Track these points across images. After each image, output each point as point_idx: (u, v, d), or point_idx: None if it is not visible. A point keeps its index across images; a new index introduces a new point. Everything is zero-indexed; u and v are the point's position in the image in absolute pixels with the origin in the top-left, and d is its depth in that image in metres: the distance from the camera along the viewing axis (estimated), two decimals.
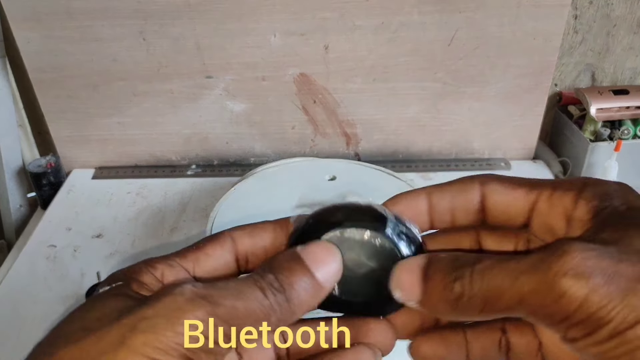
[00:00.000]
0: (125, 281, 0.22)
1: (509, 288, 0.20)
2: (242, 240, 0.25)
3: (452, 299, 0.21)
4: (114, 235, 0.71)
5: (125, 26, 0.73)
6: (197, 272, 0.24)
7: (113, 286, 0.22)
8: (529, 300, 0.20)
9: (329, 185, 0.62)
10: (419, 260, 0.23)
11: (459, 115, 0.81)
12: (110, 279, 0.23)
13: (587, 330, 0.19)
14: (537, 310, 0.20)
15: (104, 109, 0.80)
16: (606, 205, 0.22)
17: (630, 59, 0.83)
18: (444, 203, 0.24)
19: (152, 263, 0.23)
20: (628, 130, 0.76)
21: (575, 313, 0.19)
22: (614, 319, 0.19)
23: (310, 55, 0.75)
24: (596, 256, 0.19)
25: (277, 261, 0.22)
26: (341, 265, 0.23)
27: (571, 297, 0.19)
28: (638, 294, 0.19)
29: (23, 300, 0.61)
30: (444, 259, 0.22)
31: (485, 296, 0.21)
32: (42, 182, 0.79)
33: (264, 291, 0.21)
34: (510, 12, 0.72)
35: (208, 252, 0.24)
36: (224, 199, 0.60)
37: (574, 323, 0.19)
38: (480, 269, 0.21)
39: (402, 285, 0.23)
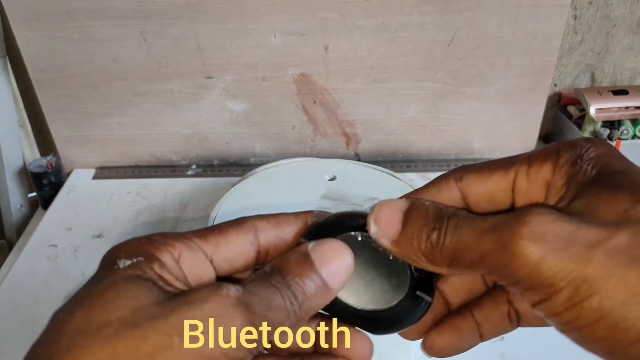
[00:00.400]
0: (146, 257, 0.21)
1: (473, 245, 0.20)
2: (265, 232, 0.24)
3: (426, 248, 0.21)
4: (114, 235, 0.71)
5: (125, 26, 0.73)
6: (215, 257, 0.23)
7: (134, 261, 0.21)
8: (489, 259, 0.20)
9: (329, 185, 0.62)
10: (402, 202, 0.23)
11: (459, 115, 0.81)
12: (130, 250, 0.22)
13: (541, 296, 0.19)
14: (495, 270, 0.20)
15: (104, 109, 0.80)
16: (577, 170, 0.21)
17: (629, 59, 0.83)
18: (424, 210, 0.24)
19: (171, 242, 0.22)
20: (627, 131, 0.77)
21: (527, 276, 0.19)
22: (565, 288, 0.18)
23: (310, 56, 0.75)
24: (554, 221, 0.19)
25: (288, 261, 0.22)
26: (351, 267, 0.23)
27: (524, 259, 0.19)
28: (593, 263, 0.18)
29: (23, 300, 0.61)
30: (427, 207, 0.23)
31: (453, 250, 0.21)
32: (43, 182, 0.79)
33: (283, 295, 0.21)
34: (510, 12, 0.72)
35: (229, 239, 0.24)
36: (224, 199, 0.60)
37: (528, 287, 0.19)
38: (454, 223, 0.21)
39: (380, 221, 0.23)
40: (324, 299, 0.22)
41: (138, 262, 0.21)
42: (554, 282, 0.18)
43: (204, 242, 0.23)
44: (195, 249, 0.23)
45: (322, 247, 0.22)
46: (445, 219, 0.21)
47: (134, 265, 0.21)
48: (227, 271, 0.24)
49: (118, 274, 0.21)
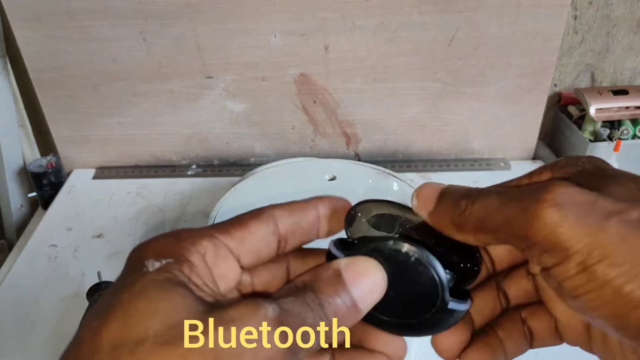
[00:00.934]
0: (175, 259, 0.21)
1: (498, 210, 0.22)
2: (282, 220, 0.25)
3: (455, 214, 0.23)
4: (114, 235, 0.71)
5: (125, 26, 0.73)
6: (240, 252, 0.23)
7: (164, 263, 0.20)
8: (512, 222, 0.21)
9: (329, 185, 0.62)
10: (440, 184, 0.25)
11: (459, 115, 0.81)
12: (158, 250, 0.21)
13: (556, 260, 0.20)
14: (516, 234, 0.21)
15: (104, 109, 0.80)
16: (578, 169, 0.23)
17: (629, 59, 0.83)
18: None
19: (199, 240, 0.22)
20: (627, 131, 0.77)
21: (545, 239, 0.20)
22: (579, 251, 0.19)
23: (310, 56, 0.75)
24: (574, 192, 0.21)
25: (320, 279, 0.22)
26: (383, 288, 0.23)
27: (543, 222, 0.20)
28: (607, 231, 0.19)
29: (24, 300, 0.61)
30: (460, 187, 0.24)
31: (479, 215, 0.22)
32: (43, 182, 0.79)
33: (317, 319, 0.20)
34: (510, 12, 0.72)
35: (252, 231, 0.24)
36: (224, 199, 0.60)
37: (545, 250, 0.20)
38: (483, 192, 0.23)
39: (420, 195, 0.25)
40: (353, 319, 0.22)
41: (167, 264, 0.20)
42: (569, 246, 0.19)
43: (228, 238, 0.23)
44: (220, 246, 0.23)
45: (355, 266, 0.22)
46: (474, 191, 0.23)
47: (163, 267, 0.20)
48: (254, 263, 0.24)
49: (148, 278, 0.20)
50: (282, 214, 0.25)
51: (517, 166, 0.83)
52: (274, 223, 0.24)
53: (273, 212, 0.25)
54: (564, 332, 0.26)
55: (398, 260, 0.23)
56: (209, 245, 0.22)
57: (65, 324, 0.58)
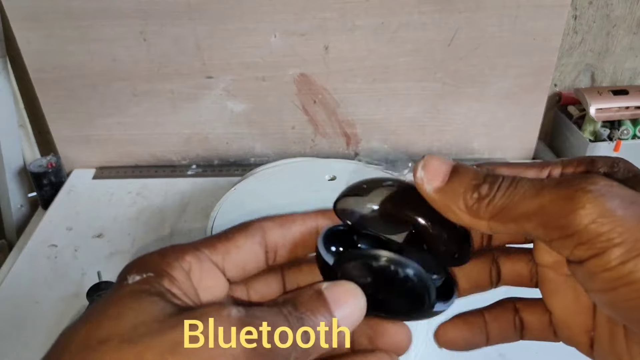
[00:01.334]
0: (156, 273, 0.21)
1: (531, 197, 0.21)
2: (272, 232, 0.25)
3: (472, 199, 0.22)
4: (114, 235, 0.71)
5: (125, 26, 0.73)
6: (226, 265, 0.23)
7: (144, 277, 0.21)
8: (546, 210, 0.20)
9: (329, 185, 0.62)
10: (449, 160, 0.23)
11: (459, 115, 0.81)
12: (142, 266, 0.22)
13: (595, 251, 0.19)
14: (550, 222, 0.20)
15: (104, 109, 0.80)
16: (615, 171, 0.23)
17: (629, 59, 0.83)
18: None
19: (183, 255, 0.22)
20: (627, 131, 0.77)
21: (586, 229, 0.19)
22: (622, 243, 0.19)
23: (310, 56, 0.75)
24: (619, 186, 0.20)
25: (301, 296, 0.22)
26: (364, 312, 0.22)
27: (586, 211, 0.19)
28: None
29: (24, 300, 0.61)
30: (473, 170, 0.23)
31: (505, 202, 0.21)
32: (43, 182, 0.79)
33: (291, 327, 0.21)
34: (510, 12, 0.72)
35: (238, 244, 0.24)
36: (224, 199, 0.60)
37: (583, 241, 0.19)
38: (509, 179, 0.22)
39: (429, 166, 0.23)
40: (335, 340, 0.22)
41: (147, 277, 0.21)
42: (612, 237, 0.19)
43: (213, 251, 0.23)
44: (204, 260, 0.23)
45: (337, 288, 0.22)
46: (499, 177, 0.22)
47: (142, 280, 0.21)
48: (240, 276, 0.24)
49: (125, 289, 0.21)
50: (272, 226, 0.25)
51: None
52: (262, 235, 0.24)
53: (262, 224, 0.25)
54: (560, 329, 0.25)
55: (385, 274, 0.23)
56: (193, 260, 0.22)
57: (65, 324, 0.58)
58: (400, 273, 0.23)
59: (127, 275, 0.21)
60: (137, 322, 0.19)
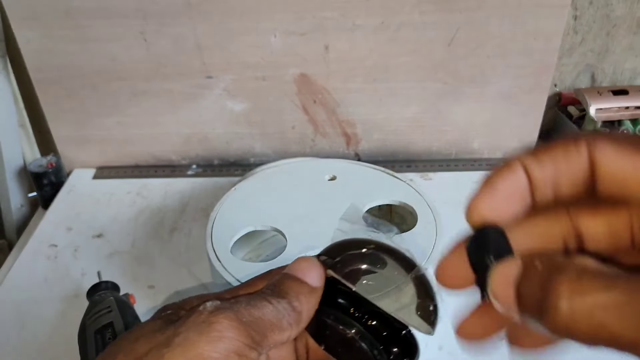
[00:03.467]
0: (174, 310, 0.25)
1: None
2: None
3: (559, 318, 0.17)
4: (114, 235, 0.71)
5: (125, 26, 0.73)
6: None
7: (162, 315, 0.25)
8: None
9: (329, 185, 0.62)
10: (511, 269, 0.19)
11: (459, 115, 0.81)
12: (162, 310, 0.25)
13: None
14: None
15: (104, 109, 0.80)
16: None
17: (629, 60, 0.83)
18: (546, 175, 0.20)
19: (204, 297, 0.25)
20: (627, 131, 0.77)
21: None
22: None
23: (310, 55, 0.75)
24: None
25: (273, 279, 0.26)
26: (322, 270, 0.26)
27: None
28: None
29: (24, 300, 0.61)
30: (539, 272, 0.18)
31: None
32: (43, 182, 0.79)
33: (270, 301, 0.24)
34: (510, 12, 0.72)
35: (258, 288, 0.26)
36: (224, 198, 0.60)
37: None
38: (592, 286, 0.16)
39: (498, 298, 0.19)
40: (315, 297, 0.25)
41: (165, 314, 0.25)
42: None
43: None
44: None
45: (297, 264, 0.26)
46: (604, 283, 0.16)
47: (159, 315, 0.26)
48: None
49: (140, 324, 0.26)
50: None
51: None
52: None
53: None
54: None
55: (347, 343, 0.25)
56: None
57: (65, 324, 0.58)
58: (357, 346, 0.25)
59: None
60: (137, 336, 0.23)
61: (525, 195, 0.20)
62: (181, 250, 0.68)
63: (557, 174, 0.20)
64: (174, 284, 0.63)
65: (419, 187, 0.61)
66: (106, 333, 0.49)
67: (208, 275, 0.61)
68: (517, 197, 0.20)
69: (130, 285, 0.62)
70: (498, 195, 0.20)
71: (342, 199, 0.59)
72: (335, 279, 0.25)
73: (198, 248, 0.68)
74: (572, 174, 0.20)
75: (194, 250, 0.68)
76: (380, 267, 0.25)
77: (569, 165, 0.20)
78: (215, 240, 0.54)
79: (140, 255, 0.67)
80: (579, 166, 0.20)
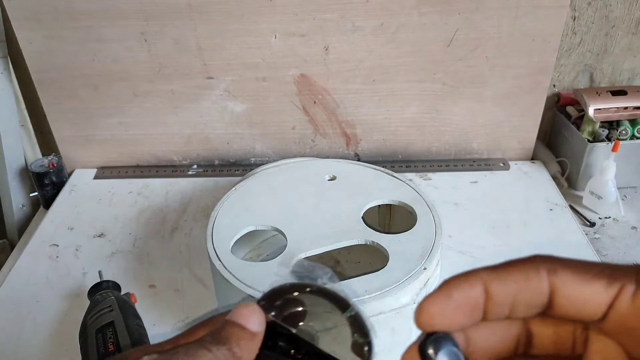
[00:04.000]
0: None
1: None
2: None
3: None
4: (115, 235, 0.71)
5: (126, 27, 0.73)
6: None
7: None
8: None
9: (329, 185, 0.62)
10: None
11: (458, 115, 0.81)
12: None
13: None
14: None
15: (105, 109, 0.80)
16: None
17: (628, 60, 0.84)
18: (505, 294, 0.20)
19: (144, 350, 0.25)
20: (626, 131, 0.77)
21: None
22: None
23: (310, 56, 0.76)
24: None
25: (214, 327, 0.26)
26: (263, 315, 0.26)
27: None
28: None
29: (25, 299, 0.62)
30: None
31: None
32: (45, 182, 0.80)
33: (210, 348, 0.24)
34: (509, 13, 0.73)
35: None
36: (225, 198, 0.61)
37: None
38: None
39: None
40: (256, 342, 0.25)
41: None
42: None
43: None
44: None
45: (238, 311, 0.26)
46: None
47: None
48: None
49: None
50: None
51: (516, 166, 0.83)
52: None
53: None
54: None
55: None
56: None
57: (67, 323, 0.58)
58: None
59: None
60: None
61: (477, 310, 0.21)
62: (182, 250, 0.68)
63: (516, 295, 0.21)
64: (175, 284, 0.63)
65: (419, 187, 0.61)
66: (107, 332, 0.49)
67: (209, 275, 0.62)
68: (469, 310, 0.21)
69: (131, 285, 0.63)
70: (451, 303, 0.20)
71: (342, 199, 0.60)
72: (276, 323, 0.26)
73: (199, 248, 0.69)
74: (531, 298, 0.20)
75: (195, 249, 0.68)
76: (317, 309, 0.27)
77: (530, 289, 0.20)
78: (216, 240, 0.54)
79: (141, 255, 0.68)
80: (539, 291, 0.20)
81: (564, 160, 0.82)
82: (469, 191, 0.78)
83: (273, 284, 0.27)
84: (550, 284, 0.20)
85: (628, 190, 0.80)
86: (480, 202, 0.75)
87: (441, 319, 0.20)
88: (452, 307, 0.20)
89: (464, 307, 0.20)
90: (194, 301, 0.61)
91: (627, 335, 0.20)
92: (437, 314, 0.20)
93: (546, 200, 0.76)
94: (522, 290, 0.20)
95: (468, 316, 0.20)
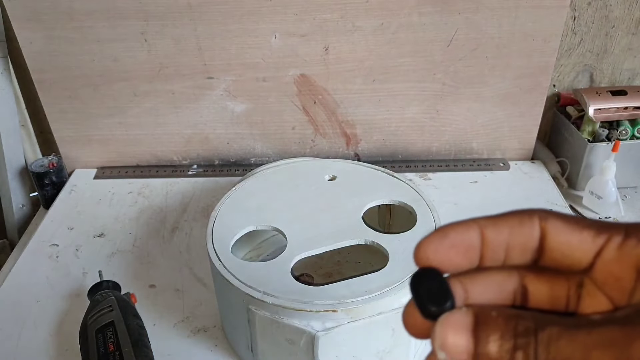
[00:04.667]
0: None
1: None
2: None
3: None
4: (115, 235, 0.71)
5: (126, 27, 0.73)
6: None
7: None
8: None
9: (329, 185, 0.62)
10: (464, 316, 0.20)
11: (458, 115, 0.81)
12: None
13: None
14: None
15: (105, 109, 0.80)
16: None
17: (628, 60, 0.84)
18: (500, 238, 0.21)
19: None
20: (626, 131, 0.77)
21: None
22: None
23: (310, 56, 0.76)
24: None
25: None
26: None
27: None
28: None
29: (25, 299, 0.62)
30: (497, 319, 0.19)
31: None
32: (45, 182, 0.80)
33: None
34: (509, 13, 0.73)
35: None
36: (225, 198, 0.61)
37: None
38: (545, 339, 0.18)
39: (447, 346, 0.19)
40: None
41: None
42: None
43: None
44: None
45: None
46: (529, 334, 0.19)
47: None
48: None
49: None
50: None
51: (516, 166, 0.84)
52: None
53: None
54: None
55: None
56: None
57: (67, 323, 0.58)
58: None
59: None
60: None
61: (473, 253, 0.21)
62: (182, 250, 0.69)
63: (510, 240, 0.22)
64: (175, 284, 0.63)
65: (418, 187, 0.61)
66: (107, 332, 0.49)
67: (209, 275, 0.62)
68: (464, 251, 0.21)
69: (132, 285, 0.63)
70: (446, 242, 0.21)
71: (342, 199, 0.60)
72: None
73: (199, 247, 0.69)
74: (524, 242, 0.21)
75: (195, 249, 0.68)
76: None
77: (522, 234, 0.21)
78: (216, 240, 0.54)
79: (142, 255, 0.68)
80: (531, 236, 0.21)
81: (564, 160, 0.82)
82: (469, 191, 0.78)
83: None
84: (541, 228, 0.21)
85: (628, 190, 0.80)
86: (480, 202, 0.75)
87: (436, 255, 0.21)
88: (446, 245, 0.21)
89: (459, 247, 0.21)
90: (194, 301, 0.61)
91: (614, 286, 0.21)
92: (432, 250, 0.21)
93: (546, 201, 0.76)
94: (515, 235, 0.21)
95: (462, 256, 0.21)
